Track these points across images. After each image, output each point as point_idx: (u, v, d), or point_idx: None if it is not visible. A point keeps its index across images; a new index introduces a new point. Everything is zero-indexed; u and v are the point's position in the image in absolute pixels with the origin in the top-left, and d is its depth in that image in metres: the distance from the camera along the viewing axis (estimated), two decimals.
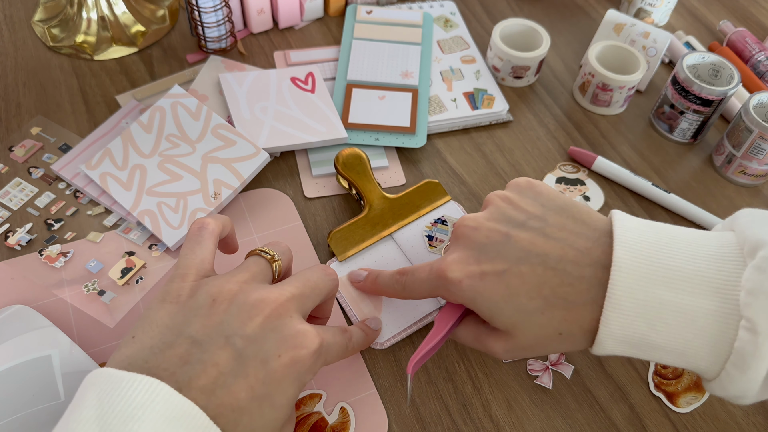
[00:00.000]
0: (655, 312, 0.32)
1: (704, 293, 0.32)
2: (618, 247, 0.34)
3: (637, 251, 0.33)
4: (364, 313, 0.45)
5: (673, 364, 0.34)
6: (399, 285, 0.42)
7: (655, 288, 0.32)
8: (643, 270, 0.33)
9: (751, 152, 0.54)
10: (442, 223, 0.49)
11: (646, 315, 0.33)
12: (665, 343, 0.33)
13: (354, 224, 0.48)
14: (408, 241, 0.48)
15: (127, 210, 0.49)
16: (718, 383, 0.33)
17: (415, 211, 0.49)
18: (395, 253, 0.48)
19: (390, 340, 0.44)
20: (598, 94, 0.60)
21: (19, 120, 0.56)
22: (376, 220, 0.49)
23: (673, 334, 0.33)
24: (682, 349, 0.33)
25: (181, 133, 0.52)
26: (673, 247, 0.33)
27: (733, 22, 0.71)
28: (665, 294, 0.32)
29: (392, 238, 0.48)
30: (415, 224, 0.49)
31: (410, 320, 0.45)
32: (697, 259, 0.33)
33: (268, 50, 0.64)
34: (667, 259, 0.33)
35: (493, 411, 0.42)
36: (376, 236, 0.48)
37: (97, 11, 0.61)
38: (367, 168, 0.51)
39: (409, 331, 0.44)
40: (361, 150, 0.53)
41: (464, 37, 0.67)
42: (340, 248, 0.47)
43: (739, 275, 0.31)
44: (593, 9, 0.73)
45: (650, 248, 0.33)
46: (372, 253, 0.47)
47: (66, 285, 0.46)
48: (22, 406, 0.38)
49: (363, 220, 0.49)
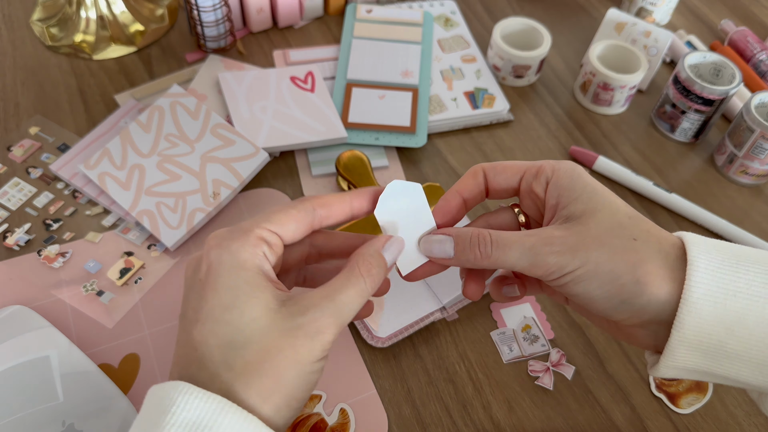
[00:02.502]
0: (736, 317, 0.29)
1: None
2: (692, 247, 0.30)
3: (713, 255, 0.30)
4: None
5: (747, 384, 0.31)
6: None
7: (736, 291, 0.30)
8: (720, 274, 0.30)
9: (753, 152, 0.54)
10: None
11: (727, 320, 0.29)
12: (746, 351, 0.30)
13: (355, 225, 0.48)
14: None
15: (126, 210, 0.48)
16: None
17: None
18: None
19: (390, 339, 0.44)
20: (599, 94, 0.60)
21: (18, 119, 0.56)
22: (377, 221, 0.48)
23: (756, 342, 0.29)
24: (764, 359, 0.30)
25: (180, 133, 0.52)
26: (743, 259, 0.30)
27: (734, 22, 0.71)
28: (746, 300, 0.29)
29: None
30: None
31: (410, 319, 0.44)
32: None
33: (267, 49, 0.64)
34: (743, 270, 0.30)
35: (494, 412, 0.42)
36: None
37: (96, 10, 0.61)
38: (368, 170, 0.51)
39: (410, 330, 0.44)
40: (361, 150, 0.52)
41: (465, 36, 0.66)
42: None
43: None
44: (594, 8, 0.73)
45: (724, 255, 0.30)
46: None
47: (64, 285, 0.46)
48: (20, 406, 0.38)
49: (363, 221, 0.48)
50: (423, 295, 0.46)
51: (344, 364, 0.43)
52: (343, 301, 0.30)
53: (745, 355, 0.30)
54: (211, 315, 0.29)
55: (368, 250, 0.33)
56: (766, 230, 0.54)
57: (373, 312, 0.37)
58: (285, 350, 0.29)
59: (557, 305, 0.48)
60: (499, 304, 0.47)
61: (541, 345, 0.45)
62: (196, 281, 0.31)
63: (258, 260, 0.30)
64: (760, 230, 0.53)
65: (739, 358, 0.30)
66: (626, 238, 0.31)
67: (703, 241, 0.31)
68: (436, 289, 0.46)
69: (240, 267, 0.30)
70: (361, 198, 0.34)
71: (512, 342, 0.46)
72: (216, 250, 0.30)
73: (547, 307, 0.47)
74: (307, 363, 0.29)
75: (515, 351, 0.45)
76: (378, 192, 0.34)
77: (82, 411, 0.39)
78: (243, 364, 0.28)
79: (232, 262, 0.30)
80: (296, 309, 0.29)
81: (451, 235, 0.33)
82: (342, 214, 0.34)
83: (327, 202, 0.33)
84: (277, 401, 0.29)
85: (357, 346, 0.44)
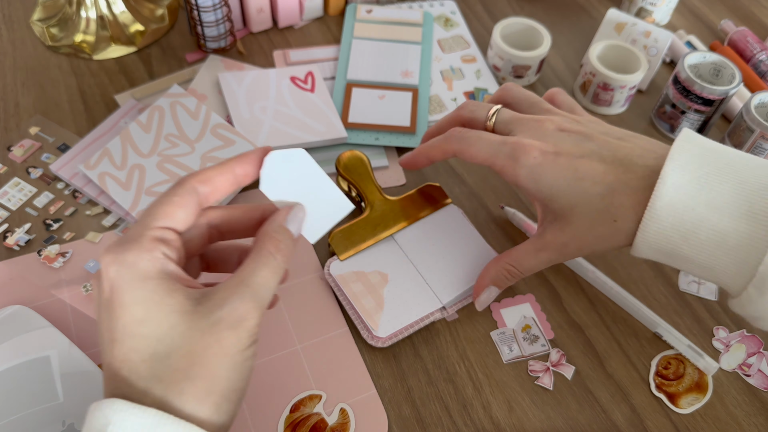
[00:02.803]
0: (691, 228, 0.35)
1: (742, 217, 0.34)
2: (669, 162, 0.36)
3: (687, 170, 0.35)
4: (366, 309, 0.44)
5: (699, 276, 0.37)
6: (455, 136, 0.42)
7: (695, 206, 0.35)
8: (687, 189, 0.35)
9: (753, 152, 0.54)
10: None
11: (682, 229, 0.35)
12: (696, 257, 0.36)
13: (355, 225, 0.48)
14: (409, 242, 0.48)
15: (126, 210, 0.48)
16: (738, 301, 0.36)
17: (416, 213, 0.49)
18: (397, 253, 0.47)
19: (391, 339, 0.44)
20: (599, 94, 0.60)
21: (18, 119, 0.56)
22: (377, 222, 0.48)
23: (704, 251, 0.35)
24: (711, 266, 0.36)
25: (180, 133, 0.52)
26: (723, 172, 0.35)
27: (734, 22, 0.71)
28: (704, 213, 0.35)
29: (393, 239, 0.48)
30: (416, 226, 0.49)
31: (410, 319, 0.45)
32: (745, 186, 0.35)
33: (267, 49, 0.64)
34: (716, 182, 0.35)
35: (494, 412, 0.42)
36: (377, 237, 0.48)
37: (96, 10, 0.61)
38: (369, 170, 0.51)
39: (410, 330, 0.44)
40: (361, 150, 0.52)
41: (465, 36, 0.66)
42: (341, 248, 0.47)
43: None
44: (594, 8, 0.73)
45: (700, 169, 0.35)
46: (373, 253, 0.47)
47: (65, 285, 0.46)
48: (20, 406, 0.38)
49: (364, 221, 0.48)
50: (423, 294, 0.46)
51: (344, 364, 0.43)
52: (259, 283, 0.30)
53: (696, 259, 0.36)
54: (127, 332, 0.28)
55: (272, 226, 0.32)
56: None
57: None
58: (211, 348, 0.28)
59: (557, 305, 0.48)
60: (499, 304, 0.47)
61: (541, 345, 0.46)
62: (104, 301, 0.29)
63: (159, 264, 0.29)
64: None
65: (692, 261, 0.36)
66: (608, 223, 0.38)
67: (687, 150, 0.36)
68: (437, 288, 0.46)
69: (143, 278, 0.29)
70: (244, 164, 0.33)
71: (512, 342, 0.46)
72: (114, 267, 0.29)
73: (547, 307, 0.48)
74: (237, 353, 0.29)
75: (515, 351, 0.45)
76: (259, 153, 0.33)
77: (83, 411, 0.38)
78: (171, 372, 0.28)
79: (133, 276, 0.29)
80: (212, 303, 0.29)
81: (491, 285, 0.44)
82: (227, 185, 0.33)
83: (208, 177, 0.32)
84: (215, 399, 0.29)
85: (357, 346, 0.44)
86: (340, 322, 0.45)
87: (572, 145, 0.39)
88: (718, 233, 0.35)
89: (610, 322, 0.47)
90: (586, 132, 0.40)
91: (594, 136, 0.40)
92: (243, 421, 0.41)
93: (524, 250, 0.42)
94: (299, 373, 0.43)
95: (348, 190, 0.52)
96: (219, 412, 0.29)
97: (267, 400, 0.42)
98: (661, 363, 0.45)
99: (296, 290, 0.47)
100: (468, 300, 0.47)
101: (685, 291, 0.49)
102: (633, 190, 0.37)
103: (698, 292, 0.49)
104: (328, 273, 0.46)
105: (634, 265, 0.50)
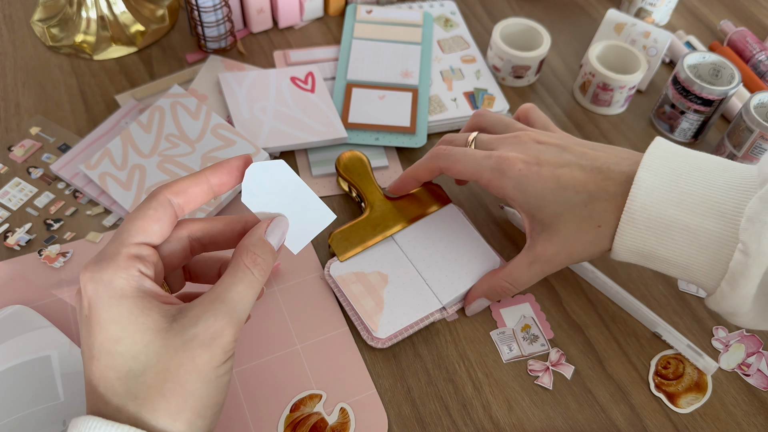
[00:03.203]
0: (665, 228, 0.37)
1: (711, 216, 0.36)
2: (642, 168, 0.38)
3: (659, 175, 0.37)
4: (366, 310, 0.45)
5: (677, 276, 0.39)
6: (440, 154, 0.44)
7: (667, 207, 0.37)
8: (660, 192, 0.37)
9: (752, 152, 0.54)
10: None
11: (657, 230, 0.37)
12: (671, 257, 0.38)
13: (355, 225, 0.48)
14: (409, 242, 0.48)
15: (127, 210, 0.48)
16: (713, 298, 0.38)
17: (416, 213, 0.49)
18: (397, 254, 0.47)
19: (390, 339, 0.44)
20: (598, 94, 0.60)
21: (19, 120, 0.56)
22: (377, 222, 0.48)
23: (678, 250, 0.37)
24: (686, 264, 0.38)
25: (181, 133, 0.52)
26: (693, 175, 0.37)
27: (733, 22, 0.71)
28: (676, 213, 0.37)
29: (393, 240, 0.48)
30: (416, 226, 0.49)
31: (410, 320, 0.45)
32: (713, 187, 0.36)
33: (267, 50, 0.64)
34: (686, 184, 0.37)
35: (494, 411, 0.42)
36: (377, 237, 0.48)
37: (97, 11, 0.61)
38: (368, 170, 0.51)
39: (410, 330, 0.44)
40: (361, 150, 0.52)
41: (464, 36, 0.66)
42: (341, 249, 0.47)
43: (746, 204, 0.35)
44: (594, 8, 0.73)
45: (672, 173, 0.37)
46: (373, 254, 0.47)
47: (65, 285, 0.46)
48: (21, 406, 0.38)
49: (364, 221, 0.48)
50: (423, 295, 0.46)
51: (344, 364, 0.43)
52: (234, 299, 0.30)
53: (671, 259, 0.38)
54: (103, 349, 0.29)
55: (250, 240, 0.32)
56: None
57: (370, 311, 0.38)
58: (184, 365, 0.29)
59: (557, 305, 0.48)
60: (499, 303, 0.47)
61: (541, 344, 0.46)
62: (83, 318, 0.30)
63: (135, 282, 0.29)
64: None
65: (668, 261, 0.38)
66: (593, 229, 0.40)
67: (659, 156, 0.38)
68: (436, 289, 0.46)
69: (119, 297, 0.29)
70: (219, 174, 0.33)
71: (512, 342, 0.46)
72: (91, 285, 0.29)
73: (547, 306, 0.48)
74: (211, 370, 0.29)
75: (515, 350, 0.45)
76: (235, 163, 0.33)
77: (83, 410, 0.39)
78: (146, 389, 0.28)
79: (109, 294, 0.29)
80: (187, 321, 0.29)
81: (484, 297, 0.45)
82: (202, 195, 0.33)
83: (181, 189, 0.32)
84: (188, 416, 0.29)
85: (357, 346, 0.44)
86: (340, 321, 0.45)
87: (552, 156, 0.41)
88: (690, 232, 0.36)
89: (609, 322, 0.47)
90: (563, 144, 0.42)
91: (570, 147, 0.42)
92: (243, 421, 0.41)
93: (517, 264, 0.43)
94: (299, 373, 0.43)
95: (348, 190, 0.52)
96: (192, 428, 0.29)
97: (267, 399, 0.42)
98: (661, 363, 0.45)
99: (296, 290, 0.47)
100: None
101: (684, 291, 0.49)
102: (612, 195, 0.39)
103: (697, 292, 0.49)
104: (328, 274, 0.46)
105: (633, 266, 0.50)
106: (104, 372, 0.29)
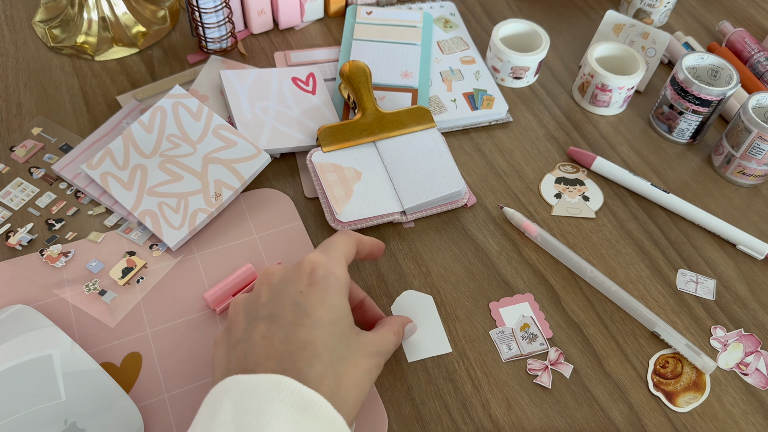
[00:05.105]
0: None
1: None
2: None
3: None
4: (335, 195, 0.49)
5: None
6: None
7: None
8: None
9: (750, 152, 0.54)
10: None
11: None
12: None
13: (344, 125, 0.53)
14: (388, 150, 0.52)
15: (128, 210, 0.49)
16: None
17: (401, 127, 0.54)
18: (374, 158, 0.52)
19: (350, 225, 0.48)
20: (597, 95, 0.60)
21: (20, 120, 0.56)
22: (365, 127, 0.53)
23: None
24: None
25: (182, 134, 0.52)
26: None
27: (732, 23, 0.71)
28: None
29: (374, 145, 0.53)
30: (398, 138, 0.53)
31: (371, 213, 0.49)
32: None
33: (268, 51, 0.64)
34: None
35: (493, 410, 0.43)
36: (361, 140, 0.52)
37: (98, 12, 0.62)
38: (368, 80, 0.55)
39: (368, 222, 0.49)
40: None
41: (464, 37, 0.67)
42: (326, 141, 0.52)
43: None
44: (592, 10, 0.73)
45: None
46: (354, 153, 0.52)
47: (67, 285, 0.46)
48: (23, 405, 0.38)
49: (353, 123, 0.53)
50: (388, 197, 0.50)
51: None
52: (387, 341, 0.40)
53: None
54: (320, 324, 0.35)
55: (399, 320, 0.42)
56: (763, 230, 0.54)
57: (347, 200, 0.48)
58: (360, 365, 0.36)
59: (556, 304, 0.48)
60: (498, 303, 0.48)
61: (540, 344, 0.46)
62: (297, 292, 0.36)
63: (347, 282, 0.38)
64: (758, 230, 0.54)
65: None
66: None
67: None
68: (402, 195, 0.50)
69: (344, 291, 0.37)
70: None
71: (511, 341, 0.46)
72: (323, 270, 0.37)
73: (546, 306, 0.48)
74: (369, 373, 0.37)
75: (514, 350, 0.45)
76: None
77: (84, 410, 0.39)
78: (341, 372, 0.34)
79: (338, 286, 0.37)
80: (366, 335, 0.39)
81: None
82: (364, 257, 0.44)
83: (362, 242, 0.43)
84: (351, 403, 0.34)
85: None
86: None
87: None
88: None
89: (608, 321, 0.47)
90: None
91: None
92: None
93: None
94: None
95: (347, 97, 0.56)
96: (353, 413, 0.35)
97: None
98: (659, 362, 0.45)
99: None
100: (426, 212, 0.51)
101: (683, 290, 0.49)
102: None
103: (696, 292, 0.49)
104: (310, 160, 0.51)
105: (632, 265, 0.51)
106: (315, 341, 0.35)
